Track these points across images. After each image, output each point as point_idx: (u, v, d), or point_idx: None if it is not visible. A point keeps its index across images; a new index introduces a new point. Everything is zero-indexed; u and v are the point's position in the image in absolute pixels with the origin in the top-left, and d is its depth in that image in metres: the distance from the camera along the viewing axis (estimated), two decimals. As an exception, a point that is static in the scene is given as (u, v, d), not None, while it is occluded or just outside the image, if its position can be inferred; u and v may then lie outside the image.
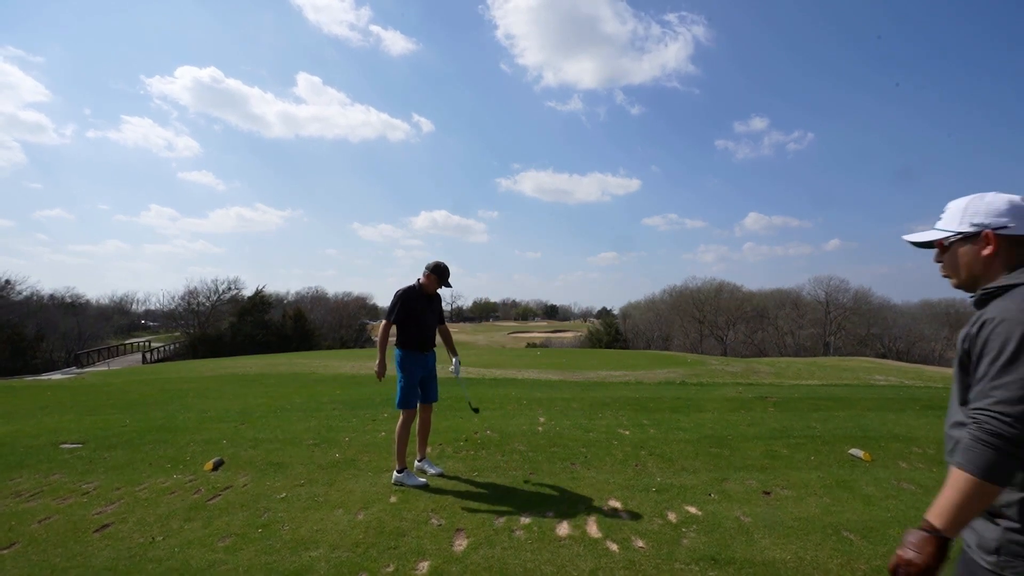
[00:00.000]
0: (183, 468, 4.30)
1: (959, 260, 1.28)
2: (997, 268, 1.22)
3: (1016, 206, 1.21)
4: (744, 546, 2.86)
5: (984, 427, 1.07)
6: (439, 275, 4.01)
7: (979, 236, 1.23)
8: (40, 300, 39.90)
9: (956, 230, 1.27)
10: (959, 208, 1.28)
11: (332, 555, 2.74)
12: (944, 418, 4.39)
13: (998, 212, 1.21)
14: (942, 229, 1.30)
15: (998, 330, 1.09)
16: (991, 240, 1.21)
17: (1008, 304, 1.12)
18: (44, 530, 3.10)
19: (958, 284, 1.31)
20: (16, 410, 7.83)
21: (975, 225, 1.23)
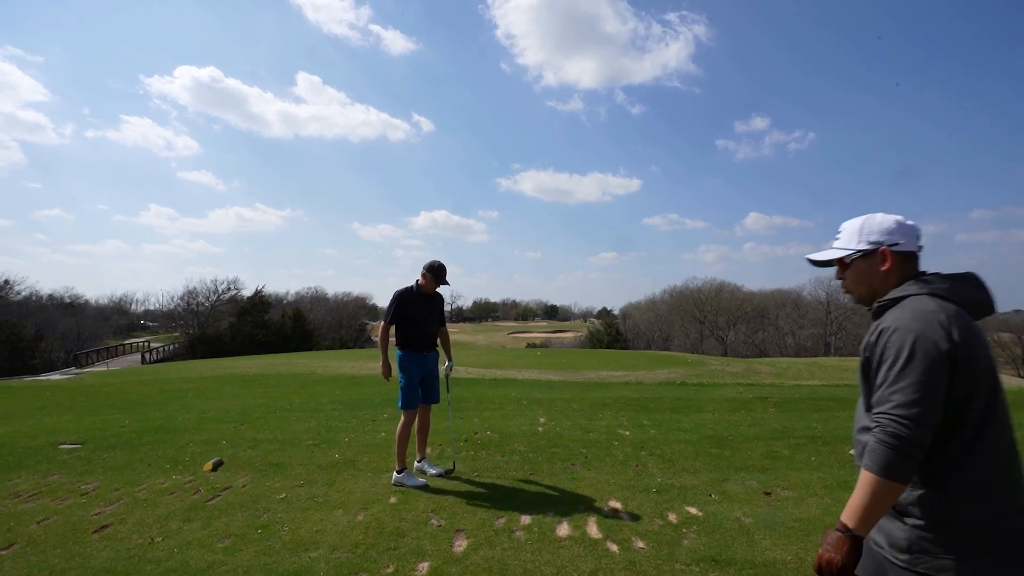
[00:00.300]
0: (182, 469, 4.29)
1: (859, 276, 1.37)
2: (892, 281, 1.32)
3: (903, 224, 1.34)
4: (745, 547, 2.85)
5: (886, 430, 1.13)
6: (435, 274, 4.00)
7: (876, 253, 1.33)
8: (39, 300, 39.89)
9: (855, 248, 1.36)
10: (855, 228, 1.37)
11: (332, 556, 2.74)
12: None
13: (890, 231, 1.33)
14: (842, 248, 1.39)
15: (893, 338, 1.18)
16: (888, 256, 1.32)
17: (901, 314, 1.21)
18: (43, 531, 3.09)
19: (858, 298, 1.39)
20: (15, 410, 7.82)
21: (872, 243, 1.34)
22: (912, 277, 1.31)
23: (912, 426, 1.11)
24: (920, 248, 1.35)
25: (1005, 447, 1.17)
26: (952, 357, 1.13)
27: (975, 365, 1.15)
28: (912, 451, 1.11)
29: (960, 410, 1.15)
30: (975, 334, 1.18)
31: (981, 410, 1.16)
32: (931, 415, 1.12)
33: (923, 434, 1.11)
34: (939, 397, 1.13)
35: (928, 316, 1.17)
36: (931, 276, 1.29)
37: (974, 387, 1.15)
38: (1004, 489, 1.15)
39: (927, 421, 1.11)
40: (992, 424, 1.16)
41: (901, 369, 1.14)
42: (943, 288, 1.24)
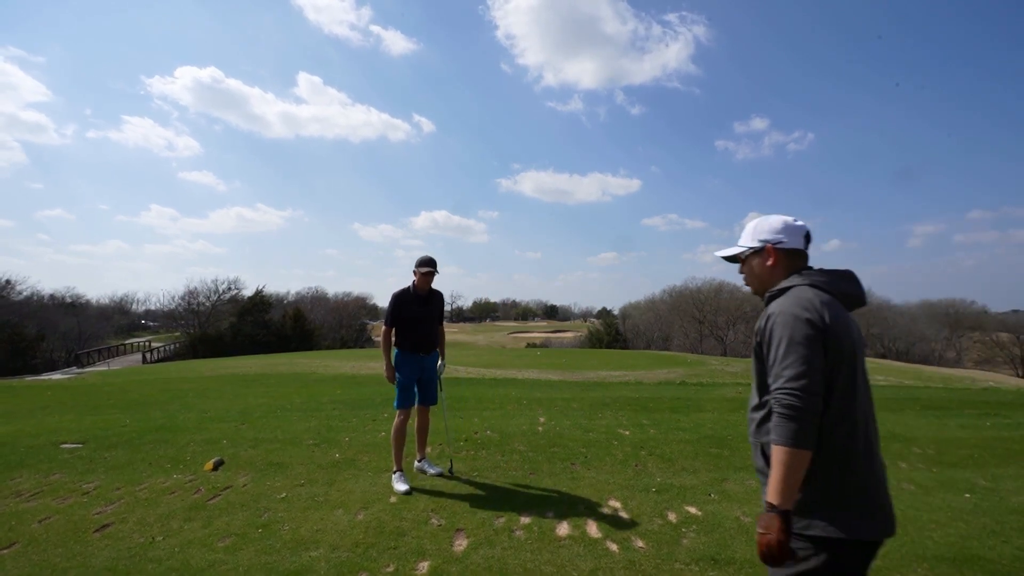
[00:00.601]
0: (183, 468, 4.30)
1: (753, 270, 1.55)
2: (779, 274, 1.49)
3: (789, 224, 1.50)
4: (744, 546, 2.86)
5: (782, 403, 1.26)
6: (422, 266, 3.89)
7: (764, 250, 1.51)
8: (40, 300, 39.89)
9: (749, 246, 1.54)
10: (750, 228, 1.55)
11: (332, 555, 2.75)
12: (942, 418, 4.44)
13: (776, 230, 1.50)
14: (741, 246, 1.57)
15: (778, 322, 1.34)
16: (772, 253, 1.50)
17: (784, 301, 1.38)
18: (44, 530, 3.10)
19: (755, 290, 1.56)
20: (16, 410, 7.83)
21: (761, 241, 1.51)
22: (798, 271, 1.47)
23: (804, 395, 1.25)
24: (807, 244, 1.51)
25: (862, 420, 1.34)
26: (823, 335, 1.30)
27: (839, 347, 1.31)
28: (810, 418, 1.25)
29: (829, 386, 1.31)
30: (842, 321, 1.35)
31: (843, 387, 1.32)
32: (818, 384, 1.27)
33: (815, 401, 1.26)
34: (819, 364, 1.28)
35: (805, 303, 1.34)
36: (813, 271, 1.46)
37: (838, 366, 1.31)
38: (860, 455, 1.32)
39: (816, 389, 1.26)
40: (852, 399, 1.33)
41: (787, 348, 1.29)
42: (821, 281, 1.41)
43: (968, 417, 6.55)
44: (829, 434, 1.31)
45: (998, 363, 40.05)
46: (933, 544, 2.90)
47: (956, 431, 5.69)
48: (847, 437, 1.31)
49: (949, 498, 3.62)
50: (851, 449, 1.32)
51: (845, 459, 1.31)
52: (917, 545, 2.89)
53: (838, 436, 1.31)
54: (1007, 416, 6.66)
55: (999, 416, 6.65)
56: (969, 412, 6.93)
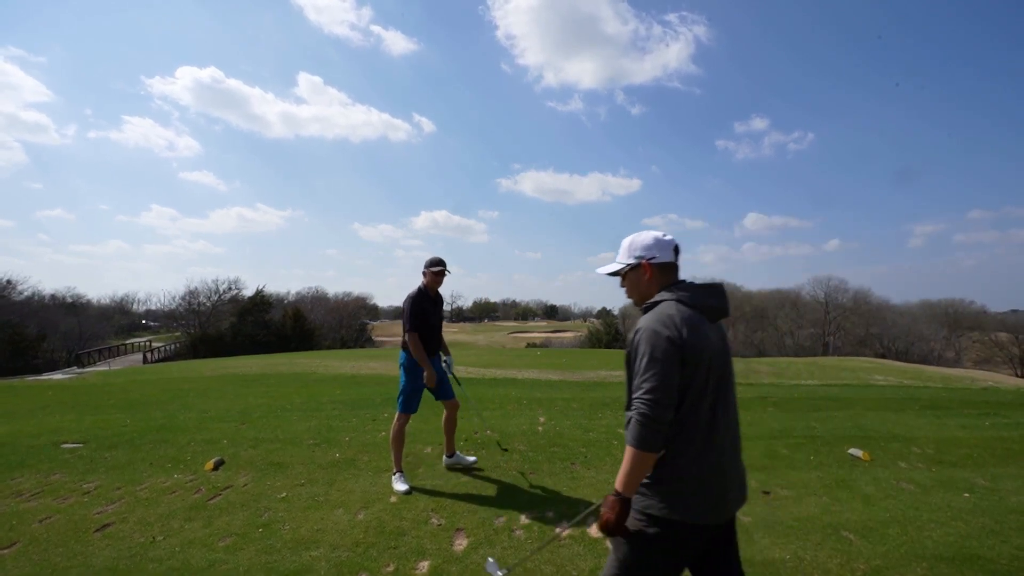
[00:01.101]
0: (184, 468, 4.31)
1: (632, 285, 1.67)
2: (654, 287, 1.62)
3: (659, 240, 1.63)
4: (743, 546, 2.86)
5: (638, 410, 1.43)
6: (433, 266, 3.89)
7: (640, 266, 1.63)
8: (41, 300, 39.89)
9: (627, 262, 1.65)
10: (626, 245, 1.66)
11: (332, 555, 2.75)
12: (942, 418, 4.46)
13: (649, 246, 1.62)
14: (620, 262, 1.68)
15: (642, 337, 1.47)
16: (647, 268, 1.62)
17: (650, 317, 1.51)
18: (45, 530, 3.10)
19: (635, 302, 1.68)
20: (17, 410, 7.84)
21: (636, 257, 1.63)
22: (671, 284, 1.60)
23: (655, 406, 1.41)
24: (677, 257, 1.65)
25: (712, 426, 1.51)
26: (681, 351, 1.44)
27: (696, 359, 1.46)
28: (657, 426, 1.42)
29: (684, 392, 1.46)
30: (701, 334, 1.48)
31: (696, 393, 1.48)
32: (669, 397, 1.43)
33: (665, 412, 1.42)
34: (674, 379, 1.43)
35: (666, 319, 1.47)
36: (682, 284, 1.59)
37: (694, 376, 1.46)
38: (702, 452, 1.49)
39: (667, 402, 1.42)
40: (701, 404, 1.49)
41: (647, 363, 1.44)
42: (685, 296, 1.54)
43: (967, 417, 6.56)
44: (678, 433, 1.48)
45: (997, 363, 40.02)
46: (932, 543, 2.91)
47: (955, 431, 5.69)
48: (693, 436, 1.49)
49: (948, 497, 3.62)
50: (695, 446, 1.49)
51: (689, 455, 1.49)
52: (916, 544, 2.90)
53: (688, 435, 1.49)
54: (1006, 416, 6.66)
55: (998, 416, 6.65)
56: (968, 412, 6.94)
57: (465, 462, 4.18)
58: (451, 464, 4.19)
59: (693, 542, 1.52)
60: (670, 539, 1.50)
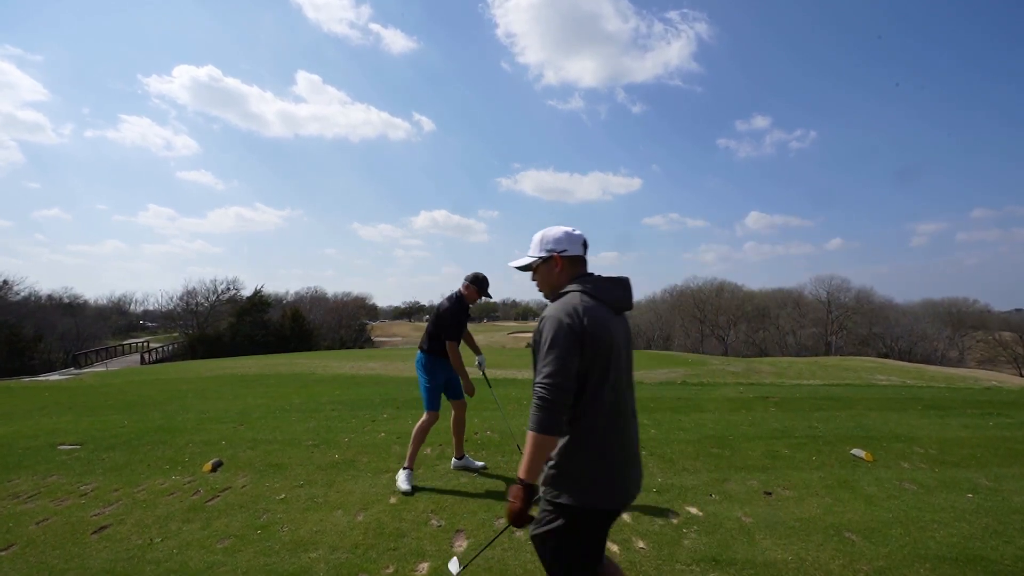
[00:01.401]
0: (182, 469, 4.28)
1: (543, 277, 1.73)
2: (564, 279, 1.68)
3: (569, 234, 1.70)
4: (745, 547, 2.85)
5: (537, 395, 1.47)
6: (479, 286, 3.97)
7: (551, 259, 1.69)
8: (38, 300, 39.89)
9: (539, 255, 1.71)
10: (538, 239, 1.72)
11: (331, 556, 2.73)
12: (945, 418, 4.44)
13: (559, 240, 1.69)
14: (531, 256, 1.73)
15: (546, 325, 1.53)
16: (558, 261, 1.69)
17: (555, 305, 1.57)
18: (42, 532, 3.08)
19: (546, 294, 1.73)
20: (14, 411, 7.81)
21: (548, 251, 1.69)
22: (580, 276, 1.67)
23: (554, 390, 1.46)
24: (585, 251, 1.72)
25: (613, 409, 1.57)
26: (581, 340, 1.49)
27: (596, 348, 1.52)
28: (556, 409, 1.46)
29: (583, 381, 1.52)
30: (603, 324, 1.55)
31: (597, 382, 1.53)
32: (568, 381, 1.47)
33: (563, 396, 1.47)
34: (573, 368, 1.48)
35: (570, 309, 1.53)
36: (589, 277, 1.66)
37: (594, 363, 1.52)
38: (608, 439, 1.55)
39: (565, 386, 1.47)
40: (603, 392, 1.54)
41: (548, 348, 1.49)
42: (591, 288, 1.61)
43: (971, 417, 6.54)
44: (583, 421, 1.53)
45: (1001, 362, 39.99)
46: (935, 544, 2.89)
47: (958, 431, 5.67)
48: (597, 424, 1.54)
49: (951, 498, 3.60)
50: (601, 434, 1.55)
51: (595, 443, 1.54)
52: (919, 545, 2.88)
53: (590, 423, 1.54)
54: (1010, 416, 6.64)
55: (1002, 416, 6.64)
56: (972, 412, 6.92)
57: (474, 467, 4.15)
58: (459, 467, 4.17)
59: (605, 527, 1.59)
60: (586, 527, 1.56)
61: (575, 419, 1.53)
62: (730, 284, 53.94)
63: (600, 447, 1.55)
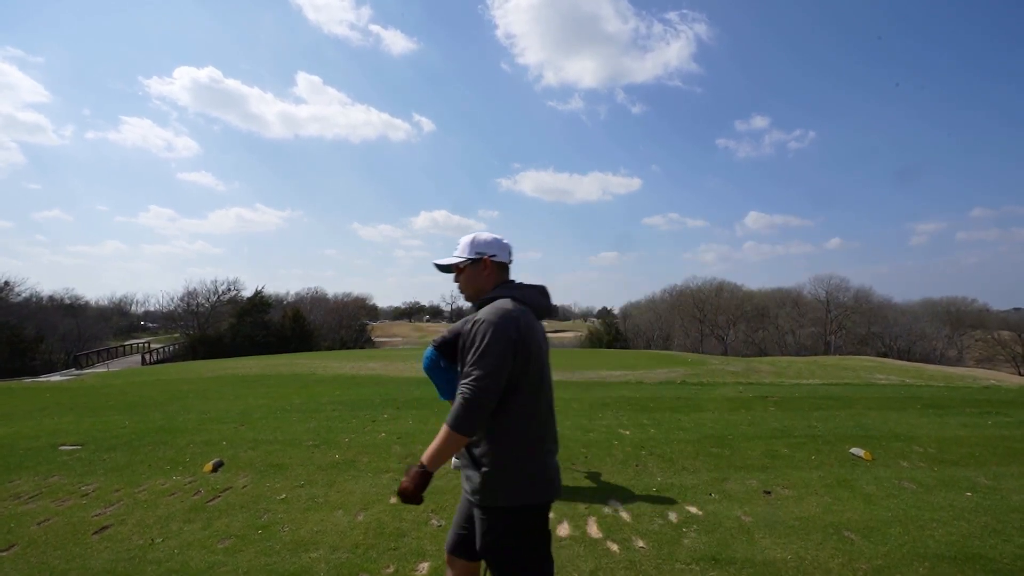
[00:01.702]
0: (182, 470, 4.29)
1: (469, 279, 1.75)
2: (490, 285, 1.73)
3: (500, 241, 1.76)
4: (745, 546, 2.85)
5: (463, 395, 1.49)
6: None
7: (480, 262, 1.73)
8: (39, 301, 39.85)
9: (468, 257, 1.73)
10: (468, 242, 1.75)
11: (332, 556, 2.74)
12: (944, 417, 4.45)
13: (491, 245, 1.74)
14: (460, 256, 1.75)
15: (480, 327, 1.54)
16: (488, 264, 1.73)
17: (488, 310, 1.59)
18: (43, 532, 3.09)
19: (469, 296, 1.76)
20: (15, 411, 7.83)
21: (478, 253, 1.73)
22: (504, 283, 1.73)
23: (481, 392, 1.47)
24: (511, 261, 1.78)
25: (544, 413, 1.63)
26: (515, 344, 1.53)
27: (528, 351, 1.56)
28: (478, 411, 1.48)
29: (516, 384, 1.55)
30: (534, 329, 1.62)
31: (532, 384, 1.58)
32: (498, 386, 1.50)
33: (489, 399, 1.49)
34: (505, 371, 1.51)
35: (504, 313, 1.56)
36: (514, 284, 1.73)
37: (527, 367, 1.56)
38: (542, 440, 1.61)
39: (494, 389, 1.49)
40: (539, 394, 1.60)
41: (482, 350, 1.50)
42: (520, 294, 1.67)
43: (969, 415, 6.55)
44: (519, 423, 1.57)
45: (999, 361, 39.99)
46: (934, 543, 2.89)
47: (957, 429, 5.68)
48: (533, 426, 1.59)
49: (950, 497, 3.61)
50: (536, 436, 1.60)
51: (531, 444, 1.58)
52: (918, 544, 2.88)
53: (527, 425, 1.58)
54: (1008, 415, 6.65)
55: (1000, 415, 6.65)
56: (970, 410, 6.93)
57: None
58: (459, 466, 4.17)
59: (546, 521, 1.64)
60: (533, 522, 1.60)
61: (509, 423, 1.56)
62: (729, 284, 53.96)
63: (534, 446, 1.59)
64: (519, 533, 1.57)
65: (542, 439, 1.63)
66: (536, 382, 1.60)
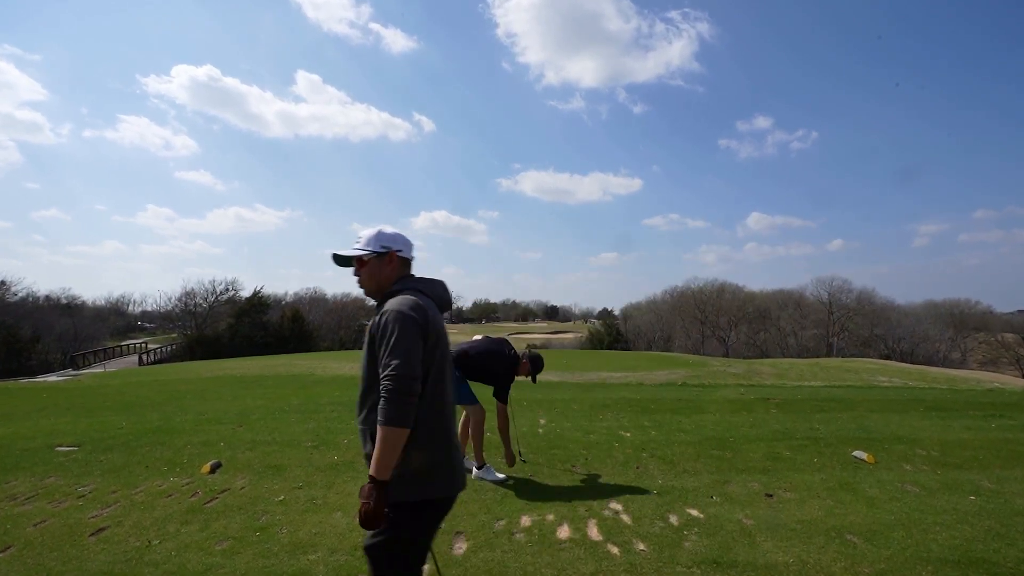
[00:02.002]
0: (180, 471, 4.26)
1: (372, 272, 1.73)
2: (392, 279, 1.73)
3: (404, 237, 1.77)
4: (746, 549, 2.83)
5: (386, 387, 1.48)
6: (534, 366, 4.27)
7: (385, 256, 1.72)
8: (36, 301, 39.82)
9: (374, 250, 1.72)
10: (373, 234, 1.74)
11: (331, 558, 2.71)
12: (947, 420, 4.42)
13: (396, 240, 1.74)
14: (363, 249, 1.72)
15: (389, 319, 1.56)
16: (393, 259, 1.73)
17: (395, 302, 1.61)
18: (39, 534, 3.06)
19: (370, 290, 1.75)
20: (12, 412, 7.80)
21: (384, 247, 1.72)
22: (406, 277, 1.75)
23: (405, 379, 1.48)
24: (413, 257, 1.80)
25: (449, 404, 1.67)
26: (424, 332, 1.57)
27: (436, 342, 1.61)
28: (408, 399, 1.48)
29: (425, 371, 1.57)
30: (437, 321, 1.66)
31: (436, 375, 1.61)
32: (417, 370, 1.52)
33: (414, 384, 1.50)
34: (419, 355, 1.54)
35: (412, 304, 1.59)
36: (416, 279, 1.75)
37: (433, 355, 1.60)
38: (446, 432, 1.63)
39: (415, 374, 1.50)
40: (443, 385, 1.63)
41: (395, 341, 1.52)
42: (423, 287, 1.71)
43: (973, 419, 6.52)
44: (426, 414, 1.57)
45: (1003, 364, 39.86)
46: (937, 547, 2.87)
47: (961, 432, 5.65)
48: (440, 417, 1.61)
49: (954, 500, 3.58)
50: (443, 427, 1.62)
51: (437, 436, 1.60)
52: (921, 547, 2.86)
53: (434, 416, 1.60)
54: (1012, 418, 6.62)
55: (1004, 418, 6.62)
56: (974, 413, 6.90)
57: (472, 468, 4.16)
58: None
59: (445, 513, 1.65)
60: (433, 517, 1.61)
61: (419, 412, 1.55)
62: (731, 285, 54.00)
63: (443, 437, 1.61)
64: (417, 529, 1.55)
65: (448, 430, 1.64)
66: (440, 371, 1.63)
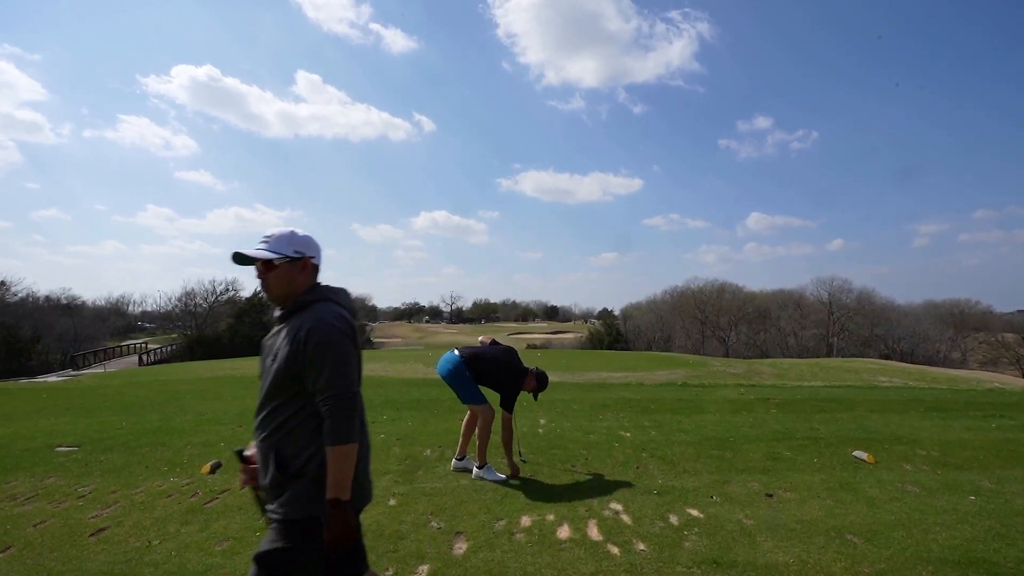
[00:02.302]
0: (180, 471, 4.26)
1: (282, 277, 1.61)
2: (303, 286, 1.63)
3: (316, 242, 1.69)
4: (746, 549, 2.83)
5: (334, 407, 1.45)
6: (539, 383, 4.20)
7: (299, 262, 1.62)
8: (36, 301, 39.79)
9: (286, 254, 1.60)
10: (286, 238, 1.62)
11: (330, 559, 2.71)
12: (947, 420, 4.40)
13: (310, 245, 1.65)
14: (274, 251, 1.59)
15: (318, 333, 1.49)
16: (308, 266, 1.64)
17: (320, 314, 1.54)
18: (39, 534, 3.06)
19: (278, 295, 1.62)
20: (12, 412, 7.80)
21: (297, 252, 1.61)
22: (315, 286, 1.66)
23: (348, 395, 1.48)
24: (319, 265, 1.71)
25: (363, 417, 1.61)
26: (354, 344, 1.56)
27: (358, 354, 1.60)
28: (353, 413, 1.47)
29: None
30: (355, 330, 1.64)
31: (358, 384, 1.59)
32: (357, 385, 1.53)
33: (355, 399, 1.50)
34: (356, 368, 1.55)
35: (338, 316, 1.56)
36: (328, 287, 1.68)
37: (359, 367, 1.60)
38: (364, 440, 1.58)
39: (357, 389, 1.53)
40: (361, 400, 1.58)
41: (333, 357, 1.48)
42: (337, 296, 1.66)
43: (973, 419, 6.52)
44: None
45: (1003, 364, 39.79)
46: (937, 547, 2.87)
47: (961, 433, 5.65)
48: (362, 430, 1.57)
49: (954, 500, 3.58)
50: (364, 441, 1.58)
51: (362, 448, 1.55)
52: (921, 548, 2.86)
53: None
54: (1012, 418, 6.62)
55: (1004, 417, 6.62)
56: (974, 413, 6.91)
57: (469, 465, 4.16)
58: (460, 468, 4.19)
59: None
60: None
61: None
62: (731, 285, 53.99)
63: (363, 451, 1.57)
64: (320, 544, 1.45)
65: (365, 444, 1.60)
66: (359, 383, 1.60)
